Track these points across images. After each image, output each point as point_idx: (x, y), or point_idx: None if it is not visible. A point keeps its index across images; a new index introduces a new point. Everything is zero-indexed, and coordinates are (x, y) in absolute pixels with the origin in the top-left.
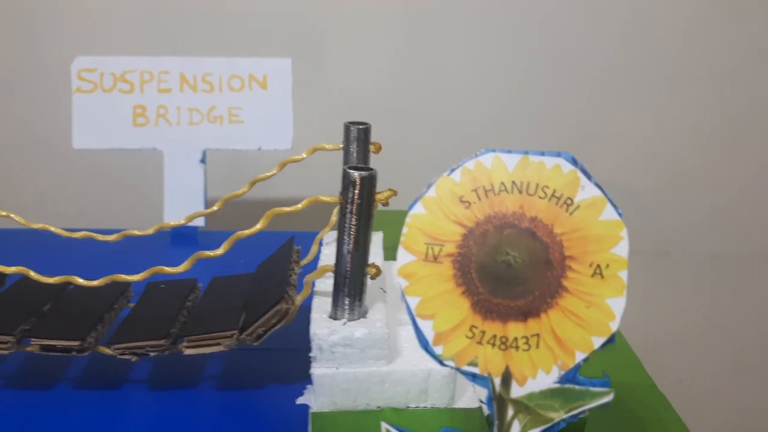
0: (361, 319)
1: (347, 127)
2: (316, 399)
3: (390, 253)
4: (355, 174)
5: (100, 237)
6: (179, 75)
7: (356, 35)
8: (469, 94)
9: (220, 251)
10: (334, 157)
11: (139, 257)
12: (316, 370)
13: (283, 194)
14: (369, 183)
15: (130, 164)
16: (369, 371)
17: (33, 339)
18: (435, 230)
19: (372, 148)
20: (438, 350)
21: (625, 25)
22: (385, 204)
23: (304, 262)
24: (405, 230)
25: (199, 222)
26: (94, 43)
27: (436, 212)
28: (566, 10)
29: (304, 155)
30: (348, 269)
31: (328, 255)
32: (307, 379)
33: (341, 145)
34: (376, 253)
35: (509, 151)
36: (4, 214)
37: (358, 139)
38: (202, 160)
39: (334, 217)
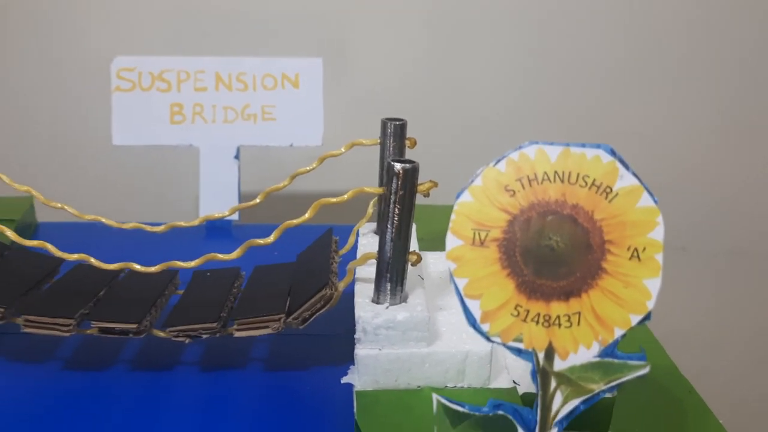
0: (402, 303)
1: (384, 123)
2: (359, 378)
3: (422, 244)
4: (399, 166)
5: (148, 228)
6: (215, 74)
7: (380, 35)
8: (489, 93)
9: (270, 239)
10: (354, 155)
11: (180, 247)
12: (360, 351)
13: (312, 188)
14: (411, 175)
15: (167, 160)
16: (410, 352)
17: (93, 322)
18: (481, 217)
19: (408, 143)
20: (485, 328)
21: (635, 24)
22: (426, 195)
23: (342, 251)
24: (453, 217)
25: (234, 215)
26: (132, 43)
27: (482, 200)
28: (577, 11)
29: (343, 150)
30: (390, 256)
31: (365, 245)
32: (348, 361)
33: (378, 140)
34: (412, 244)
35: (551, 143)
36: (58, 206)
37: (395, 135)
38: (236, 156)
39: (370, 209)
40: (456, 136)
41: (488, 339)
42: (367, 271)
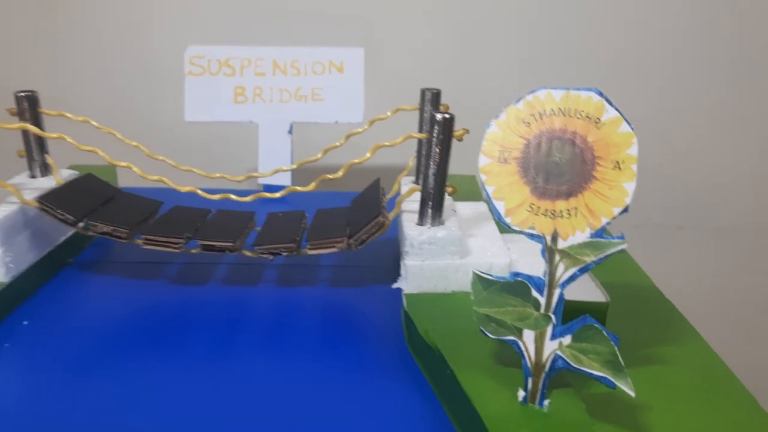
0: (440, 226)
1: (423, 92)
2: (407, 284)
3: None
4: (439, 116)
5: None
6: (272, 61)
7: (408, 29)
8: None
9: (311, 186)
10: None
11: (250, 205)
12: (408, 262)
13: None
14: (449, 123)
15: (230, 134)
16: (447, 263)
17: (198, 240)
18: (505, 142)
19: (442, 107)
20: (508, 220)
21: (635, 16)
22: (460, 139)
23: (388, 196)
24: (484, 143)
25: (287, 182)
26: (202, 34)
27: (505, 130)
28: (578, 4)
29: (389, 114)
30: (432, 187)
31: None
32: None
33: (418, 106)
34: None
35: (556, 88)
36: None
37: (431, 101)
38: (290, 131)
39: (411, 163)
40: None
41: (509, 227)
42: (411, 205)
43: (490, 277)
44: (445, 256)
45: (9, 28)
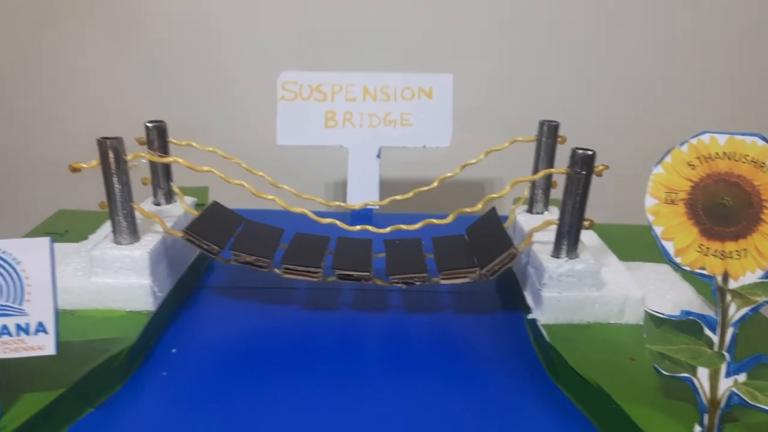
0: (576, 258)
1: (541, 123)
2: (543, 315)
3: None
4: (581, 152)
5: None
6: (362, 87)
7: (487, 55)
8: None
9: (448, 220)
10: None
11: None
12: (546, 293)
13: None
14: (591, 159)
15: (321, 158)
16: (584, 295)
17: (336, 270)
18: (671, 183)
19: (559, 140)
20: (678, 260)
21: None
22: (599, 175)
23: (505, 225)
24: (650, 183)
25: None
26: (295, 60)
27: (671, 172)
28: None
29: (506, 144)
30: (569, 222)
31: (522, 220)
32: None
33: (535, 137)
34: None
35: (720, 132)
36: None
37: (549, 133)
38: (378, 155)
39: (525, 193)
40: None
41: (680, 267)
42: (538, 235)
43: (662, 316)
44: (582, 288)
45: (124, 61)
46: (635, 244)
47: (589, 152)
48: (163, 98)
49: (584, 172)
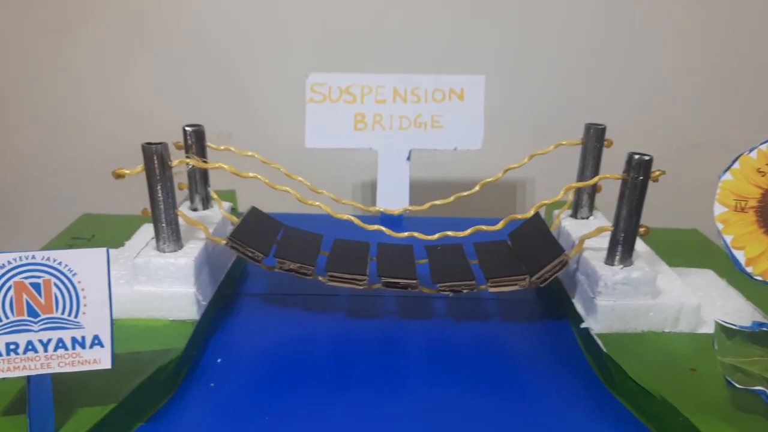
0: (631, 266)
1: (588, 127)
2: (596, 324)
3: None
4: (637, 157)
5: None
6: (393, 89)
7: (522, 56)
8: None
9: (498, 226)
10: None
11: (374, 233)
12: (600, 302)
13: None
14: (648, 164)
15: (350, 161)
16: (639, 303)
17: (382, 278)
18: (740, 190)
19: (606, 143)
20: (750, 270)
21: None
22: (656, 180)
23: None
24: (718, 191)
25: (404, 204)
26: (323, 61)
27: (740, 178)
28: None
29: (551, 148)
30: (624, 228)
31: (566, 225)
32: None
33: (581, 141)
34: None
35: None
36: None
37: (595, 137)
38: (408, 158)
39: (570, 198)
40: None
41: (752, 278)
42: (587, 241)
43: (733, 327)
44: (637, 297)
45: (161, 67)
46: (675, 248)
47: (646, 157)
48: (188, 102)
49: (641, 178)
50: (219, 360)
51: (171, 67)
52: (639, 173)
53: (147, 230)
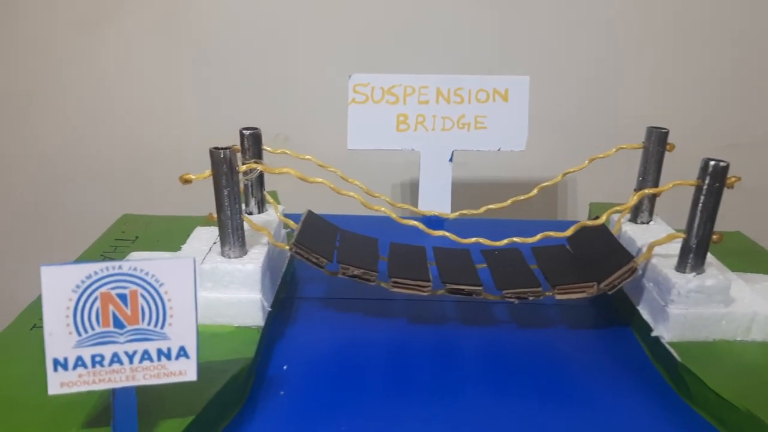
0: (703, 273)
1: (649, 131)
2: (668, 332)
3: None
4: (713, 163)
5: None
6: (436, 89)
7: (565, 56)
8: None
9: (568, 233)
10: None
11: (420, 235)
12: (672, 310)
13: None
14: (724, 171)
15: (392, 162)
16: (712, 312)
17: (447, 284)
18: None
19: (668, 147)
20: None
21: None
22: (731, 187)
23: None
24: None
25: (446, 209)
26: (365, 62)
27: None
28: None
29: (612, 151)
30: (698, 236)
31: (630, 231)
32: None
33: (642, 144)
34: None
35: None
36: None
37: (657, 140)
38: (450, 159)
39: (632, 200)
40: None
41: None
42: (656, 248)
43: None
44: (710, 305)
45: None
46: (721, 252)
47: (722, 163)
48: (228, 104)
49: (717, 184)
50: (285, 367)
51: (204, 67)
52: (716, 180)
53: (199, 234)
